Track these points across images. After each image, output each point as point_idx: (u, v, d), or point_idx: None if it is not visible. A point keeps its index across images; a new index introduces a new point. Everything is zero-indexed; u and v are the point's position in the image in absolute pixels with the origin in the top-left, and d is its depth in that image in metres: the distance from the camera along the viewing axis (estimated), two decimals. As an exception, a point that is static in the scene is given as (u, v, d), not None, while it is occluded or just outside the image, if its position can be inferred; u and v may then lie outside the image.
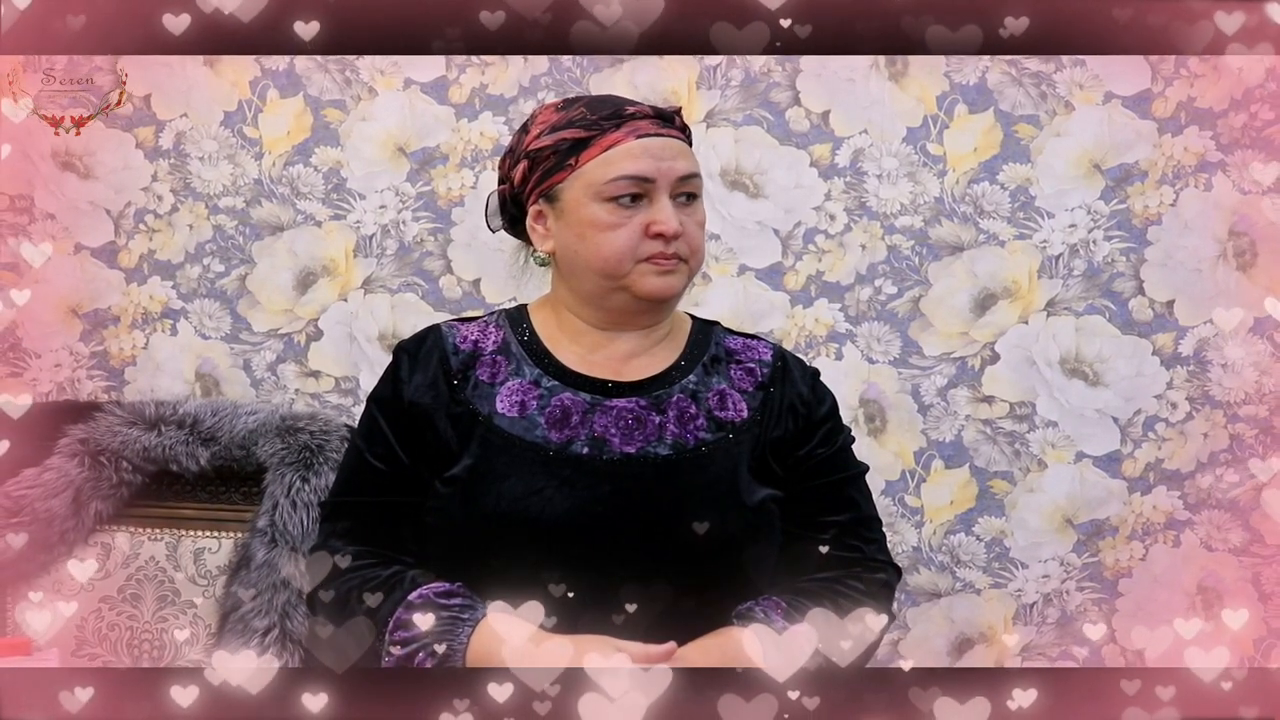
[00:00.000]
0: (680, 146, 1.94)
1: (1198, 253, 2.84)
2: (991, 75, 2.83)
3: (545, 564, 1.86)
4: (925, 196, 2.86)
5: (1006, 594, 2.91)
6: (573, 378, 1.95)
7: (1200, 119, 2.81)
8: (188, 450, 2.60)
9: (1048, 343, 2.88)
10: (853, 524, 2.04)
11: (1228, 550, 2.87)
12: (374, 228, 2.91)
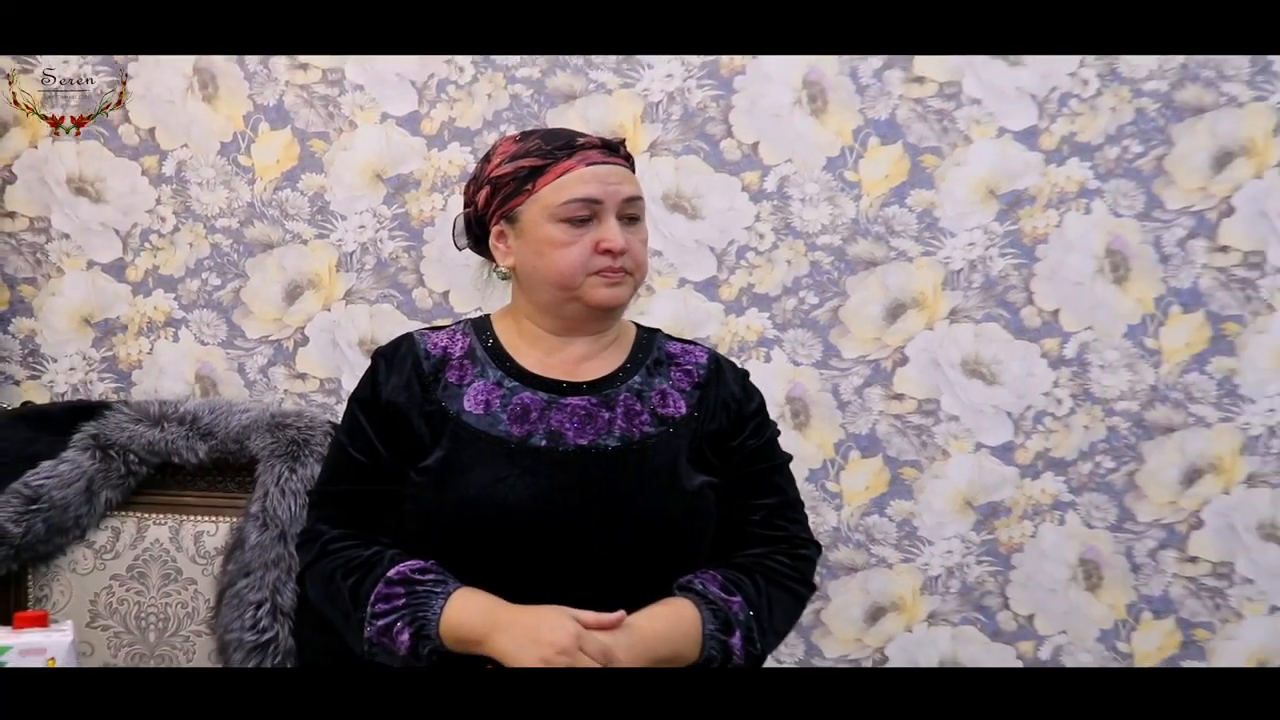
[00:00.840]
0: (625, 173, 1.94)
1: (1079, 268, 2.84)
2: (900, 111, 2.82)
3: (508, 544, 1.86)
4: (843, 218, 2.86)
5: (915, 568, 2.92)
6: (531, 379, 1.94)
7: (1080, 151, 2.82)
8: (188, 444, 2.59)
9: (950, 347, 2.88)
10: (779, 507, 2.04)
11: (1105, 527, 2.89)
12: (354, 245, 2.90)
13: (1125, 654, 2.88)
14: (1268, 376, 2.84)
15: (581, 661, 1.76)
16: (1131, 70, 2.79)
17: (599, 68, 2.84)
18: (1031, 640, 2.91)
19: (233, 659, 2.51)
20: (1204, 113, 2.79)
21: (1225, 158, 2.80)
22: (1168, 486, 2.87)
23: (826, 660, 2.94)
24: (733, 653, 1.88)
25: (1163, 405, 2.86)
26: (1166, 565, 2.87)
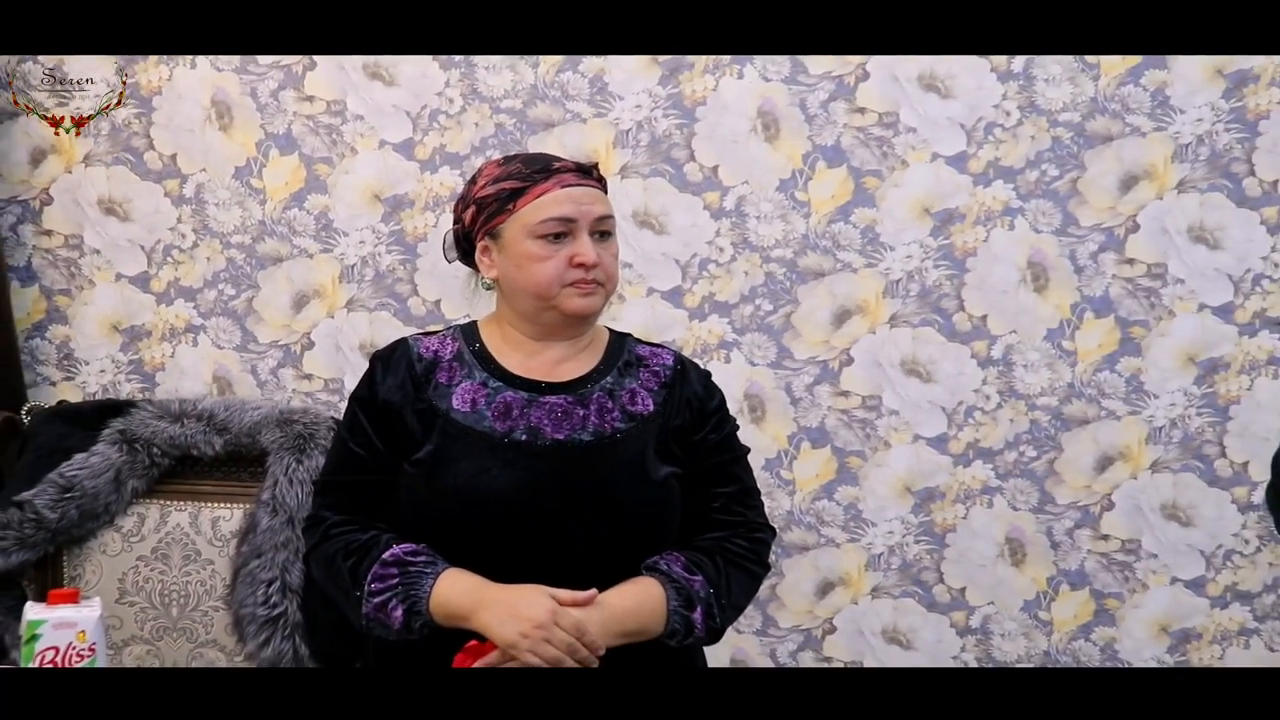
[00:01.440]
0: (597, 194, 1.93)
1: (1004, 278, 2.85)
2: (845, 138, 2.83)
3: (492, 529, 1.86)
4: (794, 233, 2.86)
5: (860, 547, 2.92)
6: (513, 379, 1.93)
7: (1004, 175, 2.82)
8: (205, 438, 2.59)
9: (891, 349, 2.88)
10: (738, 494, 2.03)
11: (1028, 509, 2.89)
12: (355, 259, 2.90)
13: (1045, 621, 2.89)
14: (1169, 375, 2.84)
15: (557, 635, 1.76)
16: (1048, 102, 2.79)
17: (575, 99, 2.84)
18: (963, 610, 2.91)
19: (247, 631, 2.51)
20: (1112, 141, 2.80)
21: (1131, 181, 2.81)
22: (1083, 473, 2.88)
23: (780, 630, 2.93)
24: (694, 627, 1.89)
25: (1078, 400, 2.86)
26: (1082, 543, 2.88)
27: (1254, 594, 2.86)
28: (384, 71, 2.87)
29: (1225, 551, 2.85)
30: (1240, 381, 2.83)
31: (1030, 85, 2.81)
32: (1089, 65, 2.79)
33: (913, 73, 2.82)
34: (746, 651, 2.95)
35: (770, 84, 2.83)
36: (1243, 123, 2.78)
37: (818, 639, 2.95)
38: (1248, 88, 2.77)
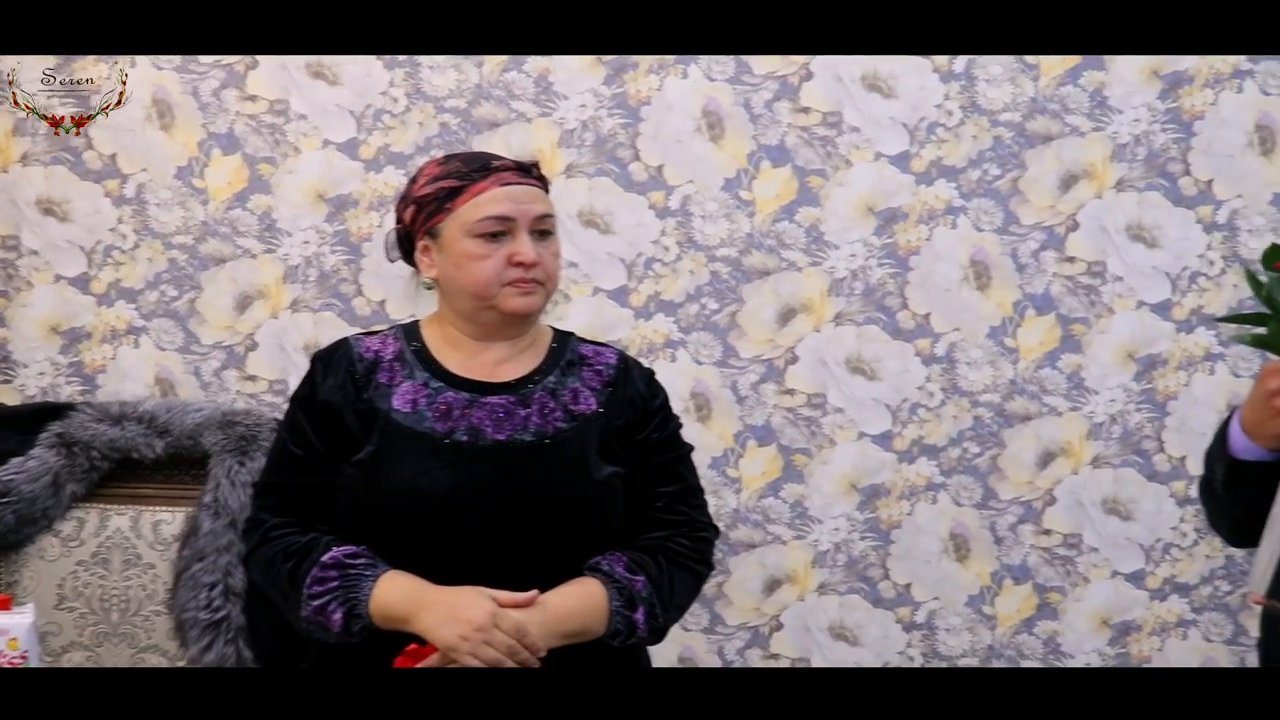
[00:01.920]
0: (537, 193, 1.91)
1: (947, 277, 2.87)
2: (789, 138, 2.84)
3: (433, 530, 1.85)
4: (738, 232, 2.86)
5: (806, 544, 2.91)
6: (455, 379, 1.91)
7: (946, 174, 2.85)
8: (146, 441, 2.57)
9: (836, 347, 2.89)
10: (681, 493, 2.01)
11: (972, 505, 2.90)
12: (299, 259, 2.88)
13: (989, 616, 2.91)
14: (1109, 371, 2.87)
15: (497, 637, 1.75)
16: (989, 103, 2.82)
17: (519, 99, 2.84)
18: (909, 606, 2.92)
19: (189, 636, 2.49)
20: (1051, 141, 2.83)
21: (1070, 180, 2.84)
22: (1025, 468, 2.90)
23: (728, 627, 2.93)
24: (637, 627, 1.88)
25: (1020, 397, 2.88)
26: (1024, 537, 2.90)
27: (1192, 586, 2.90)
28: (327, 71, 2.85)
29: (1164, 545, 2.88)
30: (1178, 377, 2.87)
31: (971, 85, 2.83)
32: (1029, 66, 2.82)
33: (856, 73, 2.83)
34: (694, 649, 2.95)
35: (715, 84, 2.84)
36: (1178, 123, 2.82)
37: (765, 636, 2.95)
38: (1183, 89, 2.82)
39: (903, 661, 2.93)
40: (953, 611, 2.93)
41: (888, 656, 2.94)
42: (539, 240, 1.89)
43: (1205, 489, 1.74)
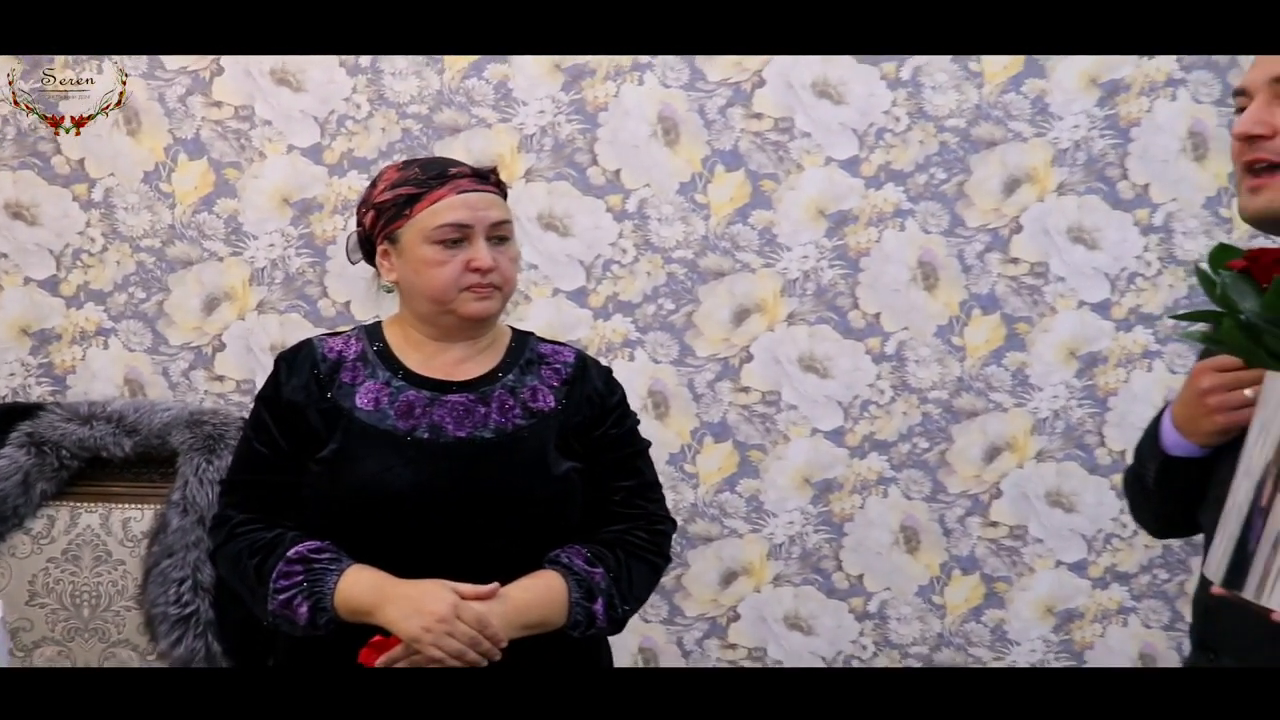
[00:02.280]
0: (494, 199, 1.90)
1: (896, 277, 2.88)
2: (742, 143, 2.85)
3: (395, 525, 1.85)
4: (695, 235, 2.87)
5: (761, 537, 2.93)
6: (416, 379, 1.90)
7: (895, 178, 2.86)
8: (115, 440, 2.57)
9: (789, 346, 2.90)
10: (638, 488, 2.01)
11: (921, 499, 2.93)
12: (265, 262, 2.88)
13: (939, 605, 2.93)
14: (1052, 368, 2.89)
15: (459, 629, 1.76)
16: (935, 109, 2.84)
17: (480, 105, 2.84)
18: (861, 596, 2.94)
19: (159, 630, 2.50)
20: (995, 146, 2.84)
21: (1014, 184, 2.86)
22: (972, 463, 2.92)
23: (686, 618, 2.94)
24: (596, 618, 1.89)
25: (967, 394, 2.90)
26: (972, 529, 2.93)
27: (1131, 575, 2.93)
28: (291, 77, 2.85)
29: (1105, 535, 2.91)
30: (1117, 374, 2.89)
31: (918, 92, 2.85)
32: (973, 74, 2.84)
33: (806, 80, 2.84)
34: (654, 640, 2.96)
35: (670, 90, 2.85)
36: (1116, 129, 2.85)
37: (722, 626, 2.96)
38: (1120, 96, 2.84)
39: (856, 650, 2.95)
40: (903, 601, 2.95)
41: (841, 645, 2.96)
42: (496, 245, 1.89)
43: (1134, 482, 1.73)
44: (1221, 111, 2.83)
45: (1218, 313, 1.22)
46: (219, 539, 1.95)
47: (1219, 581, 1.20)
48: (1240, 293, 1.20)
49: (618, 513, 1.99)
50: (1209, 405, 1.50)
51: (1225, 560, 1.20)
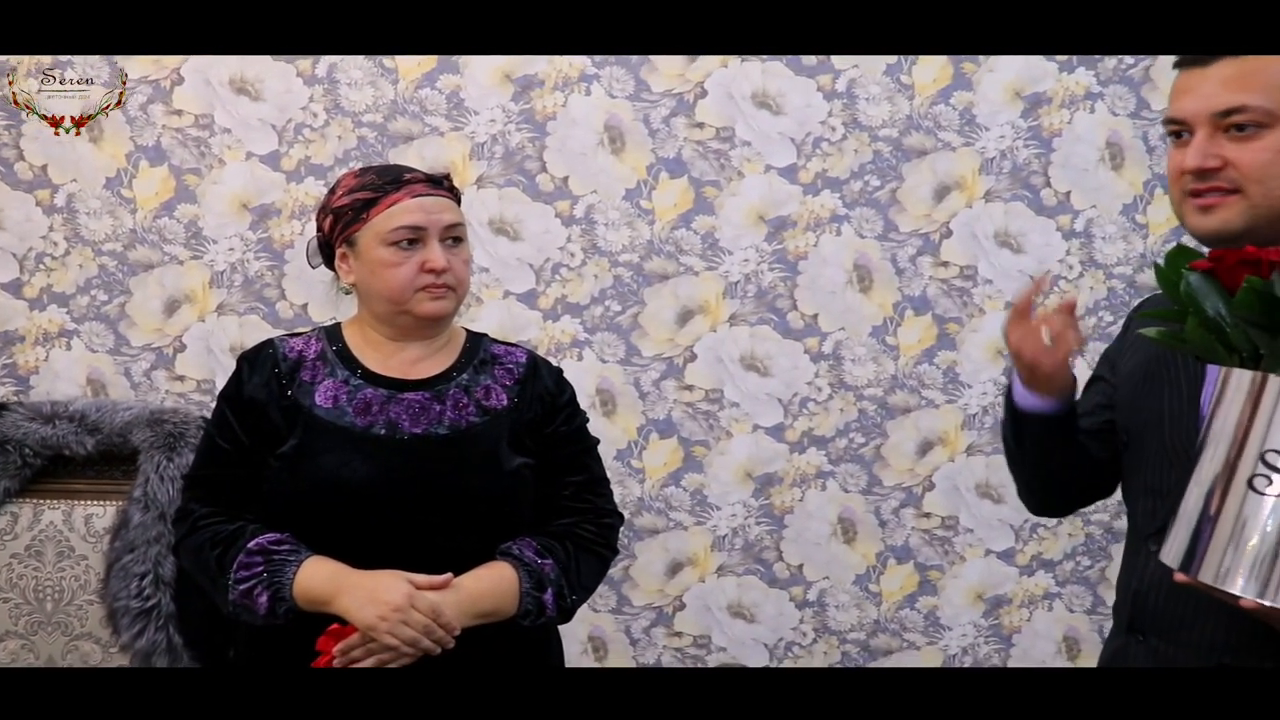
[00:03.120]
0: (447, 203, 1.91)
1: (833, 280, 2.90)
2: (685, 151, 2.86)
3: (353, 518, 1.85)
4: (640, 239, 2.88)
5: (705, 529, 2.94)
6: (373, 377, 1.91)
7: (831, 185, 2.88)
8: (77, 439, 2.56)
9: (731, 346, 2.91)
10: (587, 483, 2.03)
11: (858, 491, 2.95)
12: (224, 265, 2.88)
13: (875, 593, 2.96)
14: (981, 366, 2.93)
15: (414, 618, 1.77)
16: (869, 119, 2.87)
17: (433, 114, 2.84)
18: (801, 585, 2.96)
19: (121, 624, 2.48)
20: (926, 155, 2.88)
21: (944, 191, 2.89)
22: (906, 457, 2.95)
23: (634, 608, 2.96)
24: (546, 607, 1.90)
25: (901, 391, 2.94)
26: (906, 521, 2.96)
27: (1056, 562, 2.98)
28: (250, 87, 2.85)
29: (1031, 525, 2.96)
30: None
31: (853, 104, 2.88)
32: (904, 86, 2.87)
33: (746, 91, 2.87)
34: (603, 629, 2.97)
35: (616, 100, 2.87)
36: (1039, 140, 2.89)
37: (669, 615, 2.98)
38: (1042, 108, 2.89)
39: (796, 637, 2.98)
40: (841, 589, 2.97)
41: (782, 633, 2.98)
42: (450, 248, 1.90)
43: (1007, 452, 1.76)
44: (1136, 124, 2.89)
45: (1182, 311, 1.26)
46: (182, 531, 1.95)
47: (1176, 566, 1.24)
48: (1204, 293, 1.24)
49: (567, 507, 2.01)
50: (1027, 356, 1.57)
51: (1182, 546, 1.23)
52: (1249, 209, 1.41)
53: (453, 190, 1.97)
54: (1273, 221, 1.41)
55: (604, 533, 2.03)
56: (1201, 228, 1.45)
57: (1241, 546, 1.18)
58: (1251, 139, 1.41)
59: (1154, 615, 1.50)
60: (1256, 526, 1.17)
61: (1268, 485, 1.17)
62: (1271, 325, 1.20)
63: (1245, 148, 1.41)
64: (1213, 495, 1.22)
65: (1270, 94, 1.40)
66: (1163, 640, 1.49)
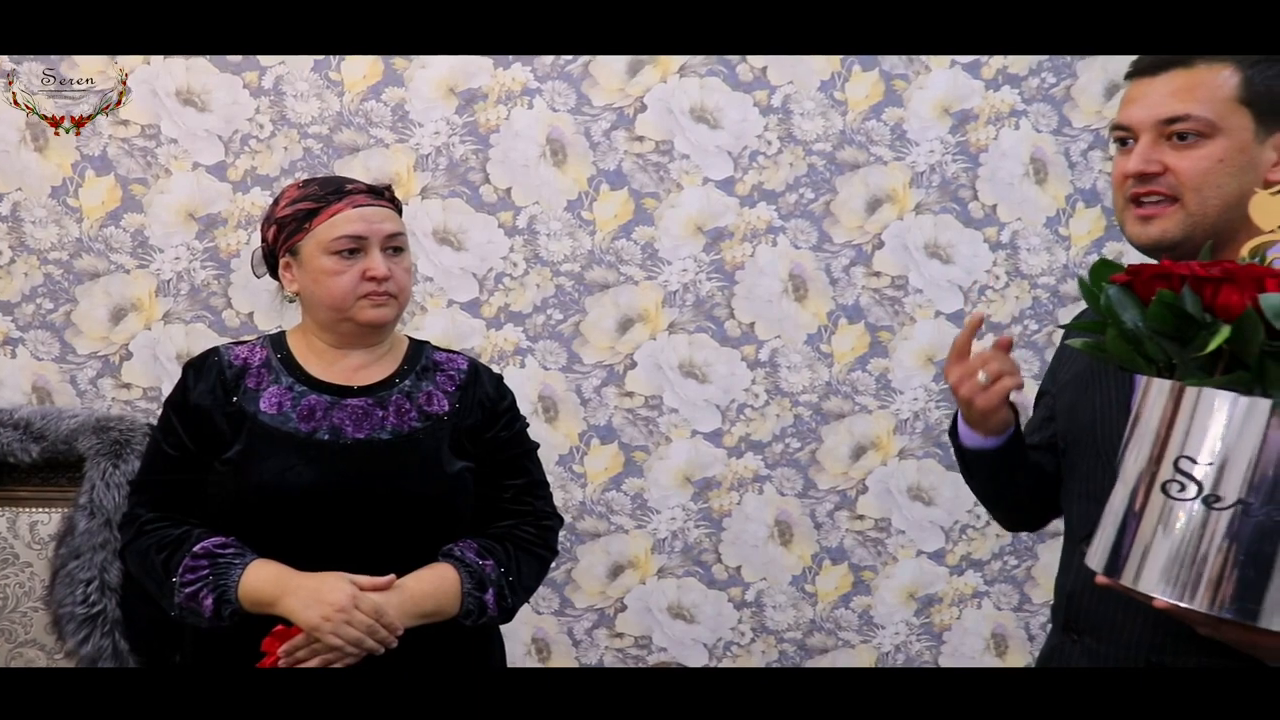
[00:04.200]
0: (388, 213, 1.92)
1: (769, 289, 2.92)
2: (625, 164, 2.86)
3: (297, 522, 1.86)
4: (581, 249, 2.89)
5: (646, 532, 2.96)
6: (317, 384, 1.92)
7: (767, 197, 2.90)
8: (22, 446, 2.54)
9: (670, 353, 2.93)
10: (527, 486, 2.03)
11: (794, 495, 2.97)
12: (171, 274, 2.86)
13: (810, 593, 2.99)
14: (912, 373, 2.96)
15: (357, 618, 1.78)
16: (804, 134, 2.89)
17: (378, 126, 2.84)
18: (740, 586, 2.98)
19: (66, 630, 2.46)
20: (859, 169, 2.90)
21: (875, 203, 2.92)
22: (840, 461, 2.97)
23: (576, 610, 2.97)
24: (487, 607, 1.91)
25: (835, 397, 2.96)
26: (841, 522, 2.99)
27: (985, 561, 3.02)
28: (196, 98, 2.84)
29: (961, 526, 3.00)
30: None
31: (788, 119, 2.90)
32: (838, 102, 2.90)
33: (685, 105, 2.88)
34: (546, 630, 2.98)
35: (558, 114, 2.88)
36: (967, 155, 2.93)
37: (610, 617, 2.99)
38: (969, 125, 2.93)
39: (735, 636, 3.00)
40: (779, 590, 3.00)
41: (721, 633, 3.00)
42: (391, 256, 1.91)
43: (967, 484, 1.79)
44: (1059, 140, 2.95)
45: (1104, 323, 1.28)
46: (128, 536, 1.95)
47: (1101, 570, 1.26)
48: (1123, 305, 1.26)
49: (507, 509, 2.02)
50: (963, 395, 1.59)
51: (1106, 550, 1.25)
52: (1186, 218, 1.45)
53: (394, 201, 1.98)
54: (1207, 231, 1.44)
55: (544, 534, 2.04)
56: (1141, 237, 1.49)
57: (1156, 550, 1.20)
58: (1192, 147, 1.44)
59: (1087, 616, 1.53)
60: (1170, 531, 1.19)
61: (1181, 491, 1.19)
62: (1181, 337, 1.22)
63: (1185, 155, 1.45)
64: (1134, 501, 1.24)
65: (1213, 106, 1.43)
66: (1096, 640, 1.52)
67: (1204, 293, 1.21)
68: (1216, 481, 1.17)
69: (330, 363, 1.96)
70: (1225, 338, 1.18)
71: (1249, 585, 1.16)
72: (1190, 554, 1.19)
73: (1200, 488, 1.18)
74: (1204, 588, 1.18)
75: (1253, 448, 1.16)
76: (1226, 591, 1.17)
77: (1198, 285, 1.21)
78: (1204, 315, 1.21)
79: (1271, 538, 1.15)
